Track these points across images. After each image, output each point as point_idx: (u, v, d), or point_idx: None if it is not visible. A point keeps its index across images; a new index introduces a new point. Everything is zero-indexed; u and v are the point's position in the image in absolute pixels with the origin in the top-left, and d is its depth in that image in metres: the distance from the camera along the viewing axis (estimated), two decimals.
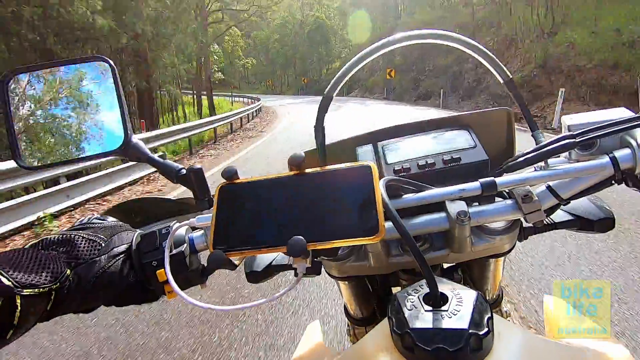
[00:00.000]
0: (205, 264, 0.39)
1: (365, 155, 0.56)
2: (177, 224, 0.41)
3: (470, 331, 0.30)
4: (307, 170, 0.38)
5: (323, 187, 0.37)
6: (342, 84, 0.51)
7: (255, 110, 17.26)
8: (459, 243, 0.43)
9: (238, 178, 0.40)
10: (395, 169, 0.52)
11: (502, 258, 0.54)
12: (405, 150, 0.54)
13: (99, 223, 0.42)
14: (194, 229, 0.43)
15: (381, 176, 0.41)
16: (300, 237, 0.34)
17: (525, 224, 0.47)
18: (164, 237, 0.40)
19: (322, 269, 0.47)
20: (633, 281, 2.33)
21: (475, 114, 0.57)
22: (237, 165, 0.74)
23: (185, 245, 0.40)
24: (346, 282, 0.57)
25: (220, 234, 0.37)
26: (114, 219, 0.44)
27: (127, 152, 0.46)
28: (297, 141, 9.19)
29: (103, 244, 0.39)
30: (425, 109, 16.74)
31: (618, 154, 0.39)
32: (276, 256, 0.52)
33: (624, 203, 3.43)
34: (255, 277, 0.51)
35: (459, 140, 0.54)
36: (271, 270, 0.52)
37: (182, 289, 0.38)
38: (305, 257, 0.35)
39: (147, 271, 0.39)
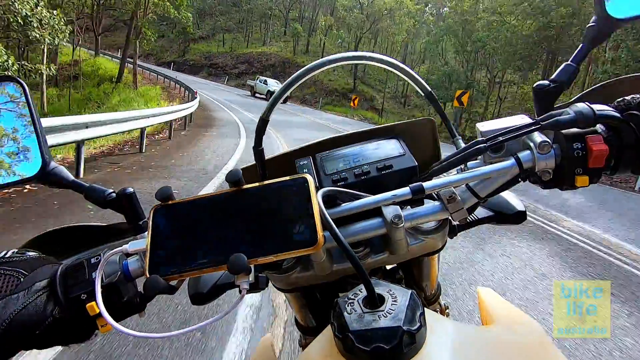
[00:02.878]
0: (142, 291, 0.38)
1: (305, 167, 0.57)
2: (109, 252, 0.38)
3: (404, 328, 0.32)
4: (245, 186, 0.38)
5: (262, 202, 0.38)
6: (275, 107, 0.53)
7: None
8: (396, 245, 0.46)
9: (173, 199, 0.40)
10: (334, 179, 0.54)
11: (437, 255, 0.58)
12: (342, 161, 0.56)
13: (17, 257, 0.38)
14: (128, 255, 0.40)
15: (321, 187, 0.43)
16: (241, 253, 0.34)
17: (454, 222, 0.52)
18: (94, 267, 0.37)
19: (269, 283, 0.50)
20: None
21: (403, 124, 0.60)
22: None
23: (118, 273, 0.38)
24: (294, 294, 0.57)
25: (157, 257, 0.37)
26: (35, 252, 0.40)
27: (46, 178, 0.44)
28: None
29: (22, 279, 0.36)
30: None
31: (521, 155, 0.43)
32: (221, 275, 0.50)
33: None
34: (199, 298, 0.50)
35: (390, 148, 0.56)
36: (216, 290, 0.50)
37: (117, 320, 0.36)
38: (247, 273, 0.35)
39: (75, 306, 0.36)
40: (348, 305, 0.35)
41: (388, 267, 0.59)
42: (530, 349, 0.40)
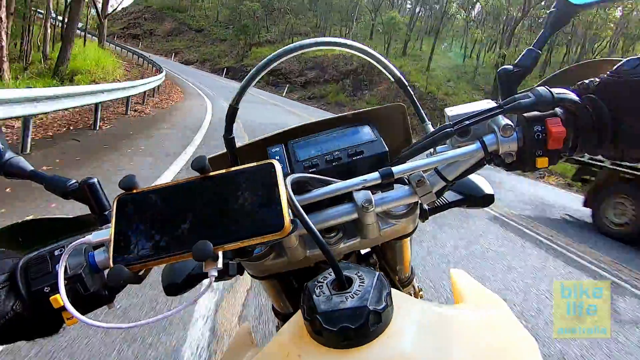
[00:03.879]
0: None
1: (276, 154, 0.56)
2: (72, 243, 0.37)
3: (370, 307, 0.32)
4: (212, 173, 0.38)
5: (228, 188, 0.37)
6: (244, 94, 0.52)
7: None
8: (367, 229, 0.46)
9: (138, 187, 0.38)
10: (305, 165, 0.53)
11: (409, 239, 0.59)
12: (314, 148, 0.56)
13: None
14: (96, 247, 0.39)
15: (293, 173, 0.43)
16: (206, 240, 0.33)
17: (424, 206, 0.54)
18: (57, 259, 0.36)
19: (245, 271, 0.51)
20: None
21: (374, 110, 0.60)
22: None
23: (84, 265, 0.37)
24: (269, 281, 0.57)
25: (121, 247, 0.36)
26: None
27: (1, 169, 0.42)
28: None
29: None
30: None
31: (486, 138, 0.43)
32: (195, 265, 0.50)
33: None
34: (174, 289, 0.49)
35: (361, 135, 0.56)
36: (190, 279, 0.49)
37: (84, 312, 0.35)
38: (214, 261, 0.34)
39: (37, 299, 0.35)
40: (317, 288, 0.36)
41: (363, 251, 0.60)
42: (494, 325, 0.41)
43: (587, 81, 0.42)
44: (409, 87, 0.56)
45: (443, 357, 0.33)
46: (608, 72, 0.41)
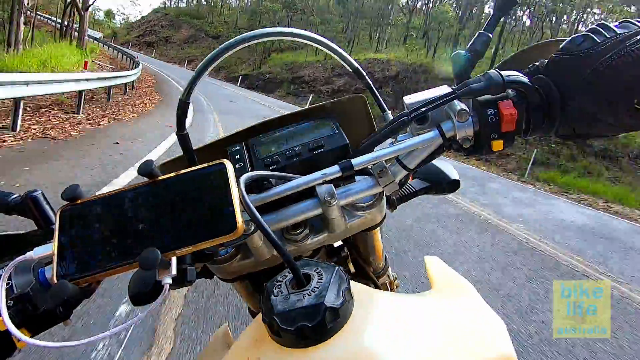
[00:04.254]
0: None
1: (237, 153, 0.54)
2: (12, 262, 0.35)
3: (326, 304, 0.32)
4: (160, 177, 0.36)
5: (178, 192, 0.35)
6: (194, 88, 0.48)
7: None
8: (333, 223, 0.46)
9: (82, 197, 0.37)
10: (266, 163, 0.52)
11: (379, 229, 0.58)
12: (274, 144, 0.55)
13: None
14: (48, 264, 0.38)
15: (253, 171, 0.43)
16: (153, 248, 0.32)
17: (391, 196, 0.54)
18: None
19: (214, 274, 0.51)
20: None
21: (333, 102, 0.59)
22: None
23: (32, 282, 0.36)
24: (240, 282, 0.57)
25: (65, 261, 0.34)
26: None
27: None
28: None
29: None
30: None
31: (443, 125, 0.43)
32: None
33: None
34: (141, 298, 0.45)
35: (322, 128, 0.55)
36: (158, 288, 0.45)
37: (38, 332, 0.35)
38: (166, 268, 0.34)
39: None
40: (275, 288, 0.35)
41: (335, 245, 0.59)
42: (462, 310, 0.41)
43: (537, 63, 0.43)
44: (367, 77, 0.57)
45: (406, 347, 0.32)
46: (555, 51, 0.42)
